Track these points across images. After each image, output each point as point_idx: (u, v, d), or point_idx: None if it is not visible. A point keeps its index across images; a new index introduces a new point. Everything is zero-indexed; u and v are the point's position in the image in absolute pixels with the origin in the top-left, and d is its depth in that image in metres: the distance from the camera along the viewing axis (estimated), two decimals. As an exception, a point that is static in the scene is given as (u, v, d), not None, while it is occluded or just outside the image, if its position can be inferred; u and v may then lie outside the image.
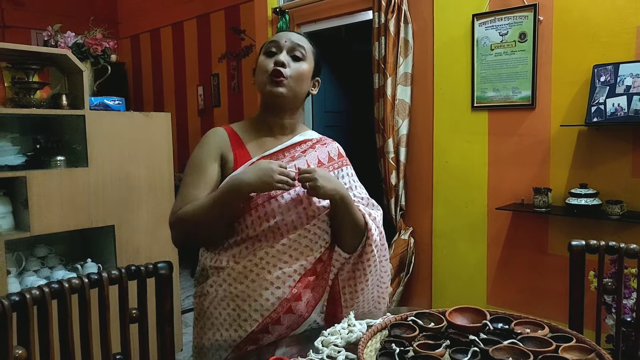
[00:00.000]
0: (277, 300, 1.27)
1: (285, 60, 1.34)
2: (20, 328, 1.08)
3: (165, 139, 2.88)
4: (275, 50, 1.36)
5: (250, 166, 1.27)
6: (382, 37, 3.19)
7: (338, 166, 1.44)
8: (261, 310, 1.27)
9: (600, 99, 2.43)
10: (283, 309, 1.28)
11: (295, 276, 1.29)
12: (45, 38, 2.82)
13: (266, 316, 1.27)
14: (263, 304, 1.27)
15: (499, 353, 0.95)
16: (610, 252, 1.47)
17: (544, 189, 2.62)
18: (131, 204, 2.72)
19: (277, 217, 1.30)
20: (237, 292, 1.28)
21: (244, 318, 1.28)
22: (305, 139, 1.43)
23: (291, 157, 1.38)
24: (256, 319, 1.27)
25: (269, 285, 1.27)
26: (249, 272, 1.27)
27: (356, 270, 1.40)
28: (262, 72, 1.35)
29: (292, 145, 1.40)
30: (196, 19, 5.66)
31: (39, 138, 2.66)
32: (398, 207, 3.26)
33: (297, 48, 1.37)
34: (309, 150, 1.41)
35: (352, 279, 1.40)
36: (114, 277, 1.28)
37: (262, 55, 1.38)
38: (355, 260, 1.39)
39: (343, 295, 1.41)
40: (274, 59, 1.34)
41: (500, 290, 2.95)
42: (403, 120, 3.20)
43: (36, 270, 2.56)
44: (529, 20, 2.71)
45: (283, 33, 1.41)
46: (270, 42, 1.37)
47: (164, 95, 6.26)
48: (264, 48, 1.38)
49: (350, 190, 1.43)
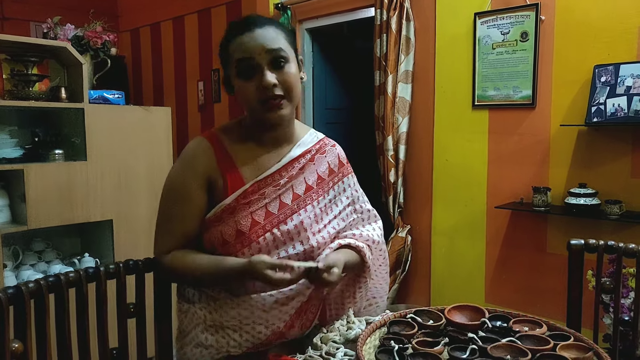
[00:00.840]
0: (271, 332, 1.18)
1: (273, 80, 1.12)
2: (17, 321, 1.08)
3: (165, 133, 2.87)
4: (253, 70, 1.12)
5: (245, 269, 1.10)
6: (384, 34, 3.18)
7: (339, 179, 1.32)
8: (253, 340, 1.18)
9: (600, 99, 2.43)
10: (275, 336, 1.20)
11: (292, 311, 1.18)
12: (45, 30, 2.81)
13: (257, 344, 1.19)
14: (255, 335, 1.17)
15: (497, 351, 0.95)
16: (609, 252, 1.47)
17: (543, 188, 2.62)
18: (130, 199, 2.71)
19: (272, 254, 1.18)
20: (229, 325, 1.17)
21: (233, 345, 1.18)
22: (303, 151, 1.26)
23: (289, 177, 1.22)
24: (247, 347, 1.18)
25: (265, 322, 1.16)
26: (242, 309, 1.16)
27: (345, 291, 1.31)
28: (247, 99, 1.15)
29: (290, 163, 1.23)
30: (197, 13, 5.63)
31: (38, 131, 2.65)
32: (396, 205, 3.26)
33: (276, 54, 1.13)
34: (307, 165, 1.26)
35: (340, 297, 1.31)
36: (111, 271, 1.28)
37: (237, 79, 1.15)
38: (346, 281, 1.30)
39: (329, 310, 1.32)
40: (258, 83, 1.12)
41: (499, 288, 2.95)
42: (403, 118, 3.19)
43: (33, 265, 2.55)
44: (530, 20, 2.71)
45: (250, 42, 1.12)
46: (241, 61, 1.12)
47: (164, 90, 6.24)
48: (236, 68, 1.14)
49: (353, 204, 1.34)
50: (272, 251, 1.18)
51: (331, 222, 1.27)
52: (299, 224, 1.20)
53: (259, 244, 1.16)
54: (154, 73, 6.39)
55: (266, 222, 1.17)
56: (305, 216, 1.21)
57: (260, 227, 1.16)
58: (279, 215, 1.19)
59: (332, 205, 1.28)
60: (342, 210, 1.30)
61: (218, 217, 1.17)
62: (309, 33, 3.91)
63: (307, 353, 1.11)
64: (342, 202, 1.31)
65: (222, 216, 1.16)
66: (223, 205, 1.16)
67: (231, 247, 1.16)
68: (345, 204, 1.32)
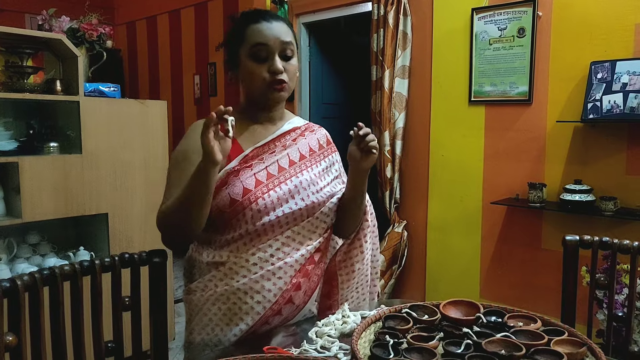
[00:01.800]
0: (279, 290, 1.26)
1: (282, 67, 1.27)
2: (11, 315, 1.07)
3: (160, 127, 2.86)
4: (265, 55, 1.27)
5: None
6: (381, 29, 3.18)
7: (328, 153, 1.45)
8: (263, 302, 1.25)
9: (596, 96, 2.43)
10: (284, 299, 1.27)
11: (297, 266, 1.29)
12: (40, 22, 2.78)
13: (268, 308, 1.26)
14: (265, 295, 1.25)
15: (491, 346, 0.95)
16: (603, 248, 1.48)
17: (538, 184, 2.63)
18: (125, 192, 2.70)
19: (277, 210, 1.27)
20: (239, 285, 1.24)
21: (246, 311, 1.25)
22: (294, 127, 1.40)
23: (283, 146, 1.35)
24: (258, 312, 1.25)
25: (271, 276, 1.25)
26: (251, 266, 1.25)
27: (353, 249, 1.43)
28: (257, 80, 1.28)
29: (283, 134, 1.37)
30: (194, 6, 5.61)
31: (32, 123, 2.63)
32: (392, 200, 3.26)
33: (287, 46, 1.29)
34: (299, 138, 1.39)
35: (349, 259, 1.42)
36: (107, 264, 1.27)
37: (250, 60, 1.27)
38: (352, 239, 1.42)
39: (340, 276, 1.42)
40: (269, 67, 1.26)
41: (494, 284, 2.97)
42: (400, 113, 3.19)
43: (27, 258, 2.54)
44: (528, 16, 2.71)
45: (268, 30, 1.27)
46: (258, 45, 1.26)
47: (160, 83, 6.22)
48: (250, 50, 1.27)
49: (340, 177, 1.46)
50: (276, 207, 1.28)
51: (327, 185, 1.40)
52: (298, 184, 1.31)
53: (264, 200, 1.26)
54: (150, 66, 6.36)
55: (269, 182, 1.29)
56: (303, 179, 1.33)
57: (264, 185, 1.27)
58: (279, 177, 1.30)
59: (324, 174, 1.41)
60: (333, 179, 1.44)
61: (224, 181, 1.26)
62: (305, 27, 3.90)
63: (302, 347, 1.11)
64: (332, 173, 1.44)
65: (227, 179, 1.26)
66: (228, 169, 1.27)
67: (239, 205, 1.24)
68: (335, 175, 1.45)
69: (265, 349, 1.03)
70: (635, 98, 2.32)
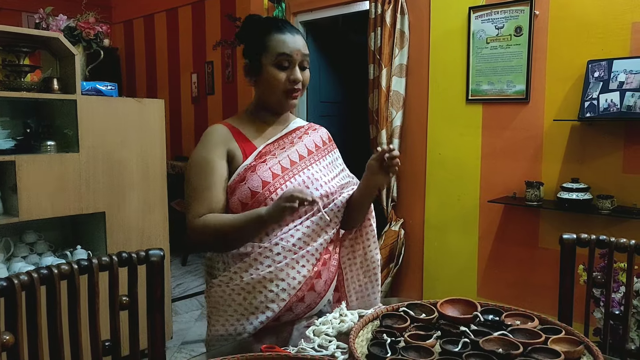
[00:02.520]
0: (303, 278, 1.33)
1: (300, 77, 1.39)
2: (8, 314, 1.07)
3: (158, 126, 2.85)
4: (287, 65, 1.38)
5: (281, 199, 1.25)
6: (378, 27, 3.18)
7: (330, 150, 1.55)
8: (288, 289, 1.32)
9: (593, 95, 2.44)
10: (307, 286, 1.35)
11: (317, 254, 1.37)
12: (37, 21, 2.77)
13: (293, 295, 1.32)
14: (290, 282, 1.32)
15: (489, 344, 0.95)
16: (600, 246, 1.48)
17: (536, 182, 2.63)
18: (122, 191, 2.70)
19: None
20: (265, 274, 1.30)
21: (271, 299, 1.31)
22: (298, 126, 1.52)
23: (290, 142, 1.46)
24: (284, 299, 1.31)
25: (295, 264, 1.33)
26: (276, 255, 1.32)
27: (355, 244, 1.53)
28: (277, 86, 1.38)
29: (290, 132, 1.48)
30: (191, 5, 5.60)
31: (29, 122, 2.62)
32: (389, 199, 3.27)
33: (305, 59, 1.41)
34: (304, 136, 1.50)
35: (352, 252, 1.53)
36: (104, 263, 1.27)
37: (274, 68, 1.37)
38: (355, 235, 1.53)
39: (344, 269, 1.52)
40: (289, 76, 1.37)
41: (491, 282, 2.97)
42: (397, 112, 3.20)
43: (24, 257, 2.54)
44: (525, 15, 2.71)
45: (292, 42, 1.38)
46: (283, 55, 1.37)
47: (157, 82, 6.21)
48: (275, 59, 1.37)
49: (343, 171, 1.57)
50: None
51: (336, 177, 1.50)
52: (310, 176, 1.42)
53: (283, 190, 1.34)
54: (147, 65, 6.35)
55: (284, 174, 1.38)
56: (314, 170, 1.44)
57: (280, 177, 1.37)
58: (292, 169, 1.40)
59: (331, 167, 1.52)
60: (339, 172, 1.54)
61: (242, 176, 1.35)
62: (303, 26, 3.89)
63: (299, 345, 1.11)
64: (337, 167, 1.55)
65: (245, 175, 1.35)
66: (245, 166, 1.36)
67: (260, 196, 1.33)
68: (340, 169, 1.56)
69: (263, 347, 1.03)
70: (632, 97, 2.32)
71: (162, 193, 2.87)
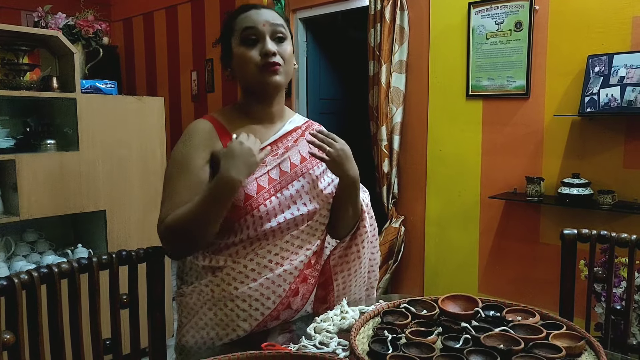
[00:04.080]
0: (278, 298, 1.25)
1: (273, 48, 1.23)
2: (9, 313, 1.07)
3: (158, 123, 2.85)
4: (255, 38, 1.24)
5: (227, 156, 1.15)
6: (378, 24, 3.17)
7: None
8: (262, 309, 1.23)
9: (594, 90, 2.43)
10: (283, 305, 1.26)
11: (295, 272, 1.26)
12: (36, 19, 2.77)
13: (267, 315, 1.24)
14: (264, 302, 1.23)
15: (490, 340, 0.95)
16: (601, 241, 1.48)
17: (536, 178, 2.63)
18: (123, 189, 2.70)
19: (279, 217, 1.25)
20: (237, 293, 1.21)
21: (244, 318, 1.23)
22: (295, 127, 1.38)
23: (285, 147, 1.32)
24: (256, 318, 1.23)
25: (270, 284, 1.23)
26: (249, 272, 1.22)
27: (350, 254, 1.38)
28: (249, 64, 1.24)
29: (284, 135, 1.34)
30: (190, 2, 5.58)
31: (29, 121, 2.62)
32: (390, 195, 3.26)
33: (277, 29, 1.25)
34: (300, 139, 1.36)
35: (346, 263, 1.38)
36: (104, 262, 1.27)
37: (239, 46, 1.25)
38: (348, 244, 1.38)
39: (335, 281, 1.38)
40: (260, 50, 1.23)
41: (492, 278, 2.97)
42: (397, 108, 3.19)
43: (25, 255, 2.54)
44: (525, 10, 2.70)
45: (256, 15, 1.25)
46: (247, 29, 1.24)
47: (157, 80, 6.19)
48: (239, 34, 1.25)
49: None
50: (278, 214, 1.25)
51: (326, 188, 1.36)
52: (300, 189, 1.29)
53: (266, 207, 1.23)
54: (146, 63, 6.34)
55: (270, 187, 1.25)
56: (304, 182, 1.31)
57: (265, 191, 1.24)
58: (280, 181, 1.27)
59: (324, 174, 1.37)
60: (334, 178, 1.37)
61: None
62: (302, 23, 3.88)
63: (300, 343, 1.11)
64: None
65: None
66: None
67: (241, 210, 1.21)
68: None
69: (264, 345, 1.02)
70: (633, 91, 2.32)
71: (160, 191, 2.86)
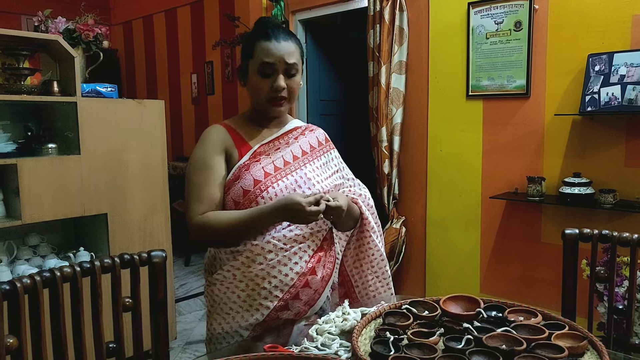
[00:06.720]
0: (296, 275, 1.35)
1: (283, 84, 1.40)
2: (12, 317, 1.07)
3: (158, 126, 2.85)
4: (270, 72, 1.39)
5: (279, 206, 1.30)
6: (377, 24, 3.17)
7: (326, 150, 1.58)
8: (281, 286, 1.33)
9: (594, 89, 2.43)
10: (301, 283, 1.36)
11: (310, 251, 1.38)
12: (36, 23, 2.77)
13: (286, 291, 1.34)
14: (283, 279, 1.33)
15: (492, 341, 0.95)
16: (603, 241, 1.48)
17: (537, 177, 2.63)
18: (124, 192, 2.70)
19: None
20: (257, 272, 1.33)
21: (264, 296, 1.33)
22: (295, 127, 1.55)
23: (286, 143, 1.49)
24: (277, 295, 1.33)
25: (287, 261, 1.34)
26: (267, 253, 1.33)
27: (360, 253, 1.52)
28: (260, 94, 1.42)
29: (286, 133, 1.51)
30: (189, 5, 5.59)
31: (30, 125, 2.63)
32: (391, 196, 3.26)
33: (291, 67, 1.41)
34: (300, 137, 1.53)
35: (357, 261, 1.52)
36: (106, 265, 1.27)
37: (257, 76, 1.40)
38: (357, 243, 1.52)
39: (352, 277, 1.53)
40: (271, 84, 1.39)
41: (494, 278, 2.97)
42: (397, 109, 3.19)
43: (28, 259, 2.54)
44: (524, 9, 2.70)
45: (275, 50, 1.39)
46: (265, 64, 1.39)
47: (157, 83, 6.21)
48: (258, 66, 1.40)
49: (340, 171, 1.59)
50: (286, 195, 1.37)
51: (328, 178, 1.52)
52: (303, 175, 1.45)
53: (274, 189, 1.38)
54: (147, 66, 6.35)
55: (276, 173, 1.42)
56: (307, 170, 1.46)
57: (272, 176, 1.41)
58: (285, 169, 1.43)
59: (324, 168, 1.54)
60: (333, 173, 1.56)
61: (237, 175, 1.40)
62: (302, 24, 3.89)
63: (302, 344, 1.11)
64: (332, 168, 1.58)
65: (239, 174, 1.39)
66: (240, 165, 1.41)
67: (251, 194, 1.37)
68: (334, 169, 1.58)
69: (266, 347, 1.03)
70: (633, 90, 2.32)
71: (163, 194, 2.87)
